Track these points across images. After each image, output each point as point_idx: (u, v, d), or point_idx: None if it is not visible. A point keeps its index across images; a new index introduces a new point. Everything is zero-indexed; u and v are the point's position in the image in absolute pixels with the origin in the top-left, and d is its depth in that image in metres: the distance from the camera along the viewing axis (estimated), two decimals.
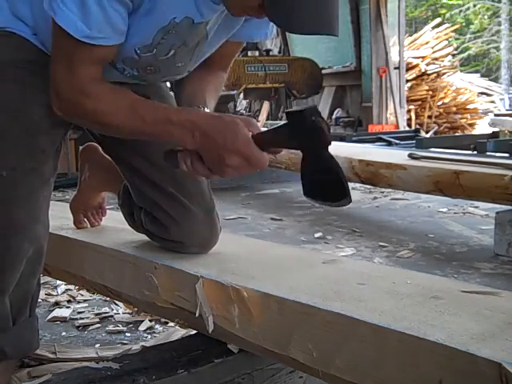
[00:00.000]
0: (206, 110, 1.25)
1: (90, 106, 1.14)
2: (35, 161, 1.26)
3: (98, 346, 1.84)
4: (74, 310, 2.17)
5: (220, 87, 1.40)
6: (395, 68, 9.07)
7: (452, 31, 10.92)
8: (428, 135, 8.45)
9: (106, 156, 1.55)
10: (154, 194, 1.41)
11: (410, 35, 10.93)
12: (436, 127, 9.53)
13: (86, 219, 1.70)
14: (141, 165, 1.40)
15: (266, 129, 1.17)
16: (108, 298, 2.09)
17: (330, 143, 1.07)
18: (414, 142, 5.88)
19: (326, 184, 1.09)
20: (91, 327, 2.02)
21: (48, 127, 1.27)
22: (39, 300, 2.27)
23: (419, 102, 9.81)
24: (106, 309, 2.17)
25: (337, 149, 4.26)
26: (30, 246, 1.27)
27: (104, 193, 1.70)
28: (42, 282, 2.48)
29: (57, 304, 2.25)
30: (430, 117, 9.73)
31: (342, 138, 6.05)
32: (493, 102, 12.30)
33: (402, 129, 8.39)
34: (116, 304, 2.18)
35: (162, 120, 1.14)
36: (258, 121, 8.52)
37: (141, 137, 1.21)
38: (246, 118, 1.15)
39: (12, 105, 1.23)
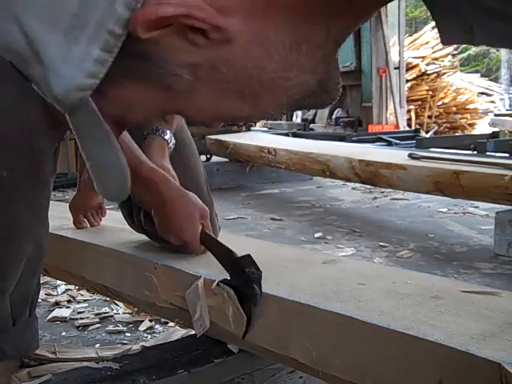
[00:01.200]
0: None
1: None
2: (34, 161, 1.26)
3: (98, 345, 1.84)
4: (74, 310, 2.17)
5: None
6: (395, 68, 9.08)
7: None
8: (428, 135, 8.45)
9: None
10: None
11: (410, 35, 10.94)
12: (436, 127, 9.54)
13: (85, 219, 1.70)
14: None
15: (211, 233, 1.25)
16: (108, 298, 2.09)
17: (256, 302, 1.09)
18: (413, 141, 5.89)
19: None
20: (91, 327, 2.02)
21: (46, 127, 1.28)
22: (39, 300, 2.27)
23: (419, 102, 9.82)
24: (106, 309, 2.17)
25: (337, 149, 4.27)
26: (30, 246, 1.27)
27: None
28: (41, 282, 2.49)
29: (57, 304, 2.25)
30: (429, 117, 9.73)
31: (341, 138, 6.05)
32: (493, 101, 12.31)
33: (401, 129, 8.40)
34: (116, 304, 2.18)
35: (134, 170, 1.16)
36: (257, 121, 8.52)
37: None
38: (202, 210, 1.22)
39: (10, 105, 1.23)
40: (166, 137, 1.34)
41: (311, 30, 0.56)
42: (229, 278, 1.14)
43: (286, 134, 6.30)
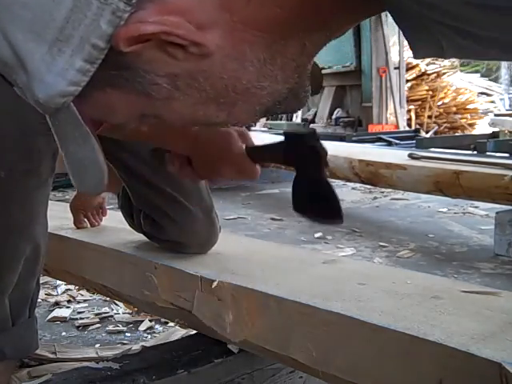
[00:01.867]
0: None
1: None
2: (32, 161, 1.26)
3: (98, 345, 1.84)
4: (74, 310, 2.17)
5: None
6: (395, 68, 9.07)
7: None
8: (428, 135, 8.45)
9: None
10: (151, 194, 1.41)
11: None
12: (436, 127, 9.54)
13: (85, 219, 1.70)
14: (137, 166, 1.40)
15: (260, 143, 1.16)
16: (108, 298, 2.09)
17: (327, 170, 1.06)
18: (413, 141, 5.89)
19: (322, 204, 1.08)
20: (91, 327, 2.02)
21: (45, 128, 1.27)
22: (39, 300, 2.27)
23: (419, 102, 9.82)
24: (106, 309, 2.17)
25: (337, 149, 4.26)
26: (28, 247, 1.27)
27: (104, 193, 1.70)
28: (41, 282, 2.49)
29: (57, 304, 2.25)
30: (429, 117, 9.73)
31: (342, 138, 6.06)
32: (493, 101, 12.31)
33: (401, 129, 8.40)
34: (116, 304, 2.18)
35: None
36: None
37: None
38: (240, 129, 1.15)
39: (8, 106, 1.23)
40: None
41: (286, 46, 0.59)
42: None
43: None
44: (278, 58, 0.60)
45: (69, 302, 2.28)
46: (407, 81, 9.48)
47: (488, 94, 12.51)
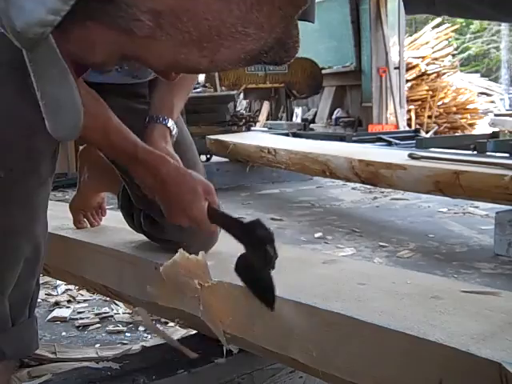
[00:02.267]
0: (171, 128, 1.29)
1: None
2: (32, 161, 1.26)
3: (97, 346, 1.84)
4: (74, 310, 2.17)
5: (191, 82, 1.38)
6: (395, 68, 9.08)
7: (452, 31, 10.92)
8: (428, 135, 8.45)
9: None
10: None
11: (410, 35, 10.94)
12: (436, 127, 9.54)
13: (85, 219, 1.70)
14: None
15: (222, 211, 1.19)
16: (108, 298, 2.09)
17: (272, 263, 1.07)
18: (414, 141, 5.89)
19: (258, 290, 1.11)
20: (91, 327, 2.02)
21: (45, 127, 1.27)
22: (39, 300, 2.27)
23: (419, 102, 9.82)
24: (106, 309, 2.17)
25: (337, 149, 4.26)
26: (28, 247, 1.27)
27: (104, 193, 1.70)
28: (41, 282, 2.49)
29: (57, 304, 2.24)
30: (429, 117, 9.73)
31: (342, 138, 6.05)
32: (493, 101, 12.30)
33: (402, 129, 8.41)
34: (116, 304, 2.18)
35: (130, 154, 1.16)
36: (257, 121, 8.54)
37: (108, 155, 1.25)
38: (206, 186, 1.18)
39: (8, 106, 1.23)
40: (169, 124, 1.31)
41: None
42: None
43: (286, 134, 6.30)
44: (265, 5, 0.59)
45: (69, 302, 2.27)
46: (407, 81, 9.48)
47: (488, 94, 12.50)
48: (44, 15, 0.54)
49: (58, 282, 2.34)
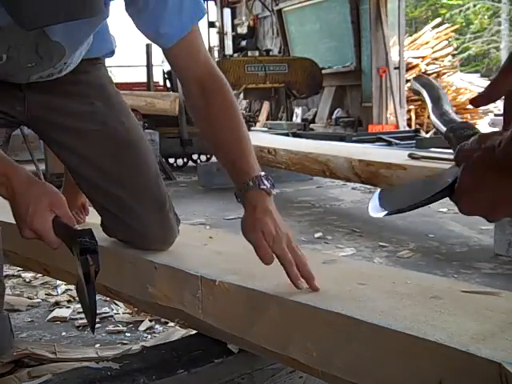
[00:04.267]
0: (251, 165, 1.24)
1: None
2: None
3: (98, 346, 1.84)
4: (74, 310, 2.17)
5: (229, 95, 1.28)
6: (395, 68, 9.07)
7: (452, 31, 10.92)
8: (428, 135, 8.45)
9: None
10: (100, 197, 1.43)
11: (410, 35, 10.93)
12: None
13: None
14: (85, 169, 1.42)
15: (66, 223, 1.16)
16: (108, 298, 2.09)
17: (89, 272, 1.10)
18: (413, 141, 5.89)
19: (83, 301, 1.14)
20: None
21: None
22: (39, 300, 2.28)
23: (419, 102, 9.81)
24: (106, 309, 2.17)
25: (337, 149, 4.26)
26: None
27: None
28: (41, 282, 2.50)
29: (57, 304, 2.24)
30: (429, 117, 9.71)
31: (342, 138, 6.05)
32: None
33: (401, 129, 8.40)
34: (116, 304, 2.18)
35: None
36: (257, 121, 8.54)
37: None
38: (54, 198, 1.15)
39: None
40: (268, 186, 1.26)
41: None
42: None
43: (286, 134, 6.30)
44: None
45: (69, 302, 2.27)
46: (407, 81, 9.47)
47: None
48: None
49: (58, 281, 2.34)
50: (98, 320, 2.07)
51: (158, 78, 8.01)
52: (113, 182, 1.39)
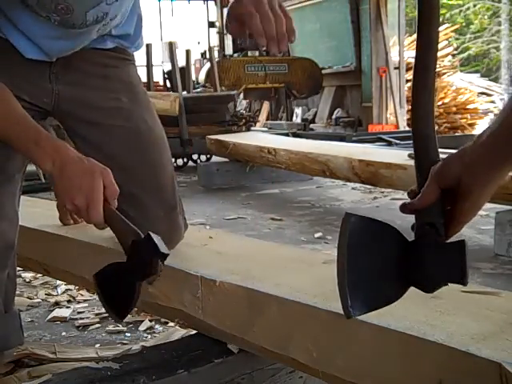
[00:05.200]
0: None
1: None
2: None
3: (97, 346, 1.83)
4: (74, 310, 2.17)
5: None
6: (395, 68, 9.08)
7: (452, 31, 10.92)
8: None
9: None
10: None
11: (410, 35, 10.93)
12: (436, 127, 9.53)
13: (69, 217, 1.71)
14: (104, 165, 1.40)
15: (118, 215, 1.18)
16: None
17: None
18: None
19: (118, 299, 1.15)
20: (91, 327, 2.02)
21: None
22: (39, 300, 2.28)
23: None
24: None
25: (337, 149, 4.26)
26: None
27: None
28: (41, 282, 2.49)
29: (57, 304, 2.24)
30: None
31: (342, 138, 6.06)
32: (493, 101, 12.29)
33: (401, 129, 8.40)
34: None
35: (31, 139, 1.16)
36: (257, 121, 8.54)
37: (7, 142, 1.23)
38: (106, 171, 1.17)
39: None
40: None
41: None
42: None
43: (286, 134, 6.30)
44: None
45: (69, 302, 2.27)
46: (407, 81, 9.47)
47: (488, 94, 12.49)
48: None
49: (58, 281, 2.34)
50: (97, 320, 2.07)
51: (157, 77, 8.02)
52: (130, 179, 1.39)
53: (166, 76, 7.58)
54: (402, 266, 0.88)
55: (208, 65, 8.04)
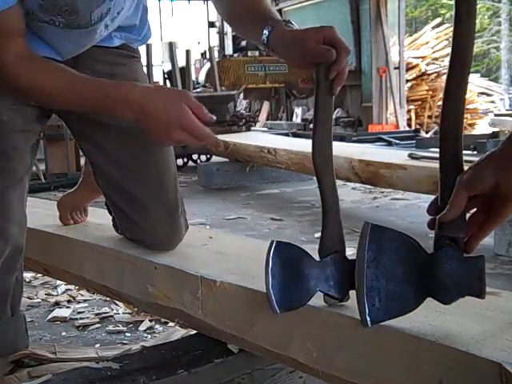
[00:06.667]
0: (275, 17, 1.15)
1: (25, 86, 1.17)
2: (6, 159, 1.26)
3: (98, 345, 1.83)
4: (74, 310, 2.17)
5: None
6: (395, 68, 9.08)
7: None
8: (428, 135, 8.45)
9: None
10: (114, 194, 1.42)
11: (410, 35, 10.95)
12: (436, 127, 9.54)
13: (70, 217, 1.71)
14: (107, 166, 1.41)
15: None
16: (108, 298, 2.09)
17: None
18: (413, 141, 5.89)
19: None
20: (91, 327, 2.02)
21: (21, 124, 1.27)
22: (39, 300, 2.28)
23: (419, 102, 9.82)
24: (106, 309, 2.17)
25: (337, 149, 4.26)
26: (6, 246, 1.27)
27: (96, 197, 1.70)
28: (41, 282, 2.49)
29: (57, 304, 2.24)
30: (430, 117, 9.73)
31: (342, 138, 6.05)
32: (493, 101, 12.30)
33: (401, 129, 8.41)
34: (116, 304, 2.18)
35: (101, 96, 1.15)
36: (257, 121, 8.55)
37: (84, 110, 1.24)
38: (183, 92, 1.17)
39: None
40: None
41: None
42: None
43: (286, 134, 6.30)
44: None
45: (69, 302, 2.27)
46: (407, 81, 9.48)
47: (488, 94, 12.50)
48: None
49: (58, 282, 2.34)
50: (97, 320, 2.07)
51: (157, 77, 8.02)
52: (134, 181, 1.39)
53: (165, 76, 7.59)
54: (421, 277, 0.91)
55: (208, 65, 8.05)
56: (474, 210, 0.91)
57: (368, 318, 0.90)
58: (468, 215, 0.92)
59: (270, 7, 1.18)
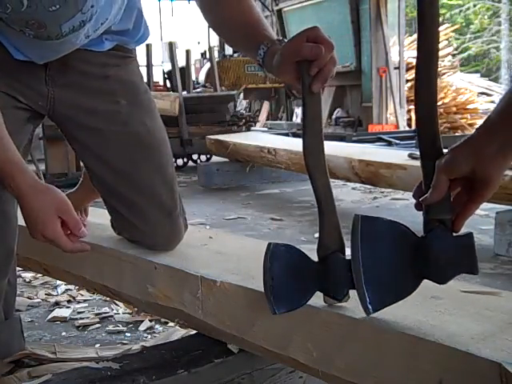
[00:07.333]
0: (267, 33, 1.15)
1: None
2: None
3: (98, 345, 1.84)
4: (74, 310, 2.17)
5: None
6: (395, 68, 9.08)
7: (452, 31, 10.93)
8: None
9: None
10: (113, 199, 1.42)
11: (410, 35, 10.93)
12: None
13: None
14: (101, 170, 1.41)
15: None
16: (108, 298, 2.09)
17: None
18: (413, 141, 5.88)
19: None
20: (91, 327, 2.02)
21: (12, 126, 1.27)
22: (39, 300, 2.28)
23: None
24: (106, 309, 2.17)
25: (337, 149, 4.26)
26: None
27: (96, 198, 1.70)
28: (41, 282, 2.49)
29: (57, 304, 2.24)
30: None
31: (342, 138, 6.06)
32: (493, 102, 12.29)
33: (401, 129, 8.41)
34: (116, 304, 2.18)
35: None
36: (257, 121, 8.55)
37: None
38: (62, 203, 1.15)
39: None
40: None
41: None
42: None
43: (286, 134, 6.31)
44: None
45: (69, 302, 2.27)
46: (407, 81, 9.48)
47: (488, 94, 12.50)
48: None
49: (58, 282, 2.34)
50: (97, 320, 2.07)
51: (157, 77, 8.02)
52: (127, 185, 1.38)
53: (165, 76, 7.58)
54: (414, 261, 0.93)
55: (208, 65, 8.04)
56: (459, 189, 0.94)
57: (370, 307, 0.91)
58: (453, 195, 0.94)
59: (262, 20, 1.19)
